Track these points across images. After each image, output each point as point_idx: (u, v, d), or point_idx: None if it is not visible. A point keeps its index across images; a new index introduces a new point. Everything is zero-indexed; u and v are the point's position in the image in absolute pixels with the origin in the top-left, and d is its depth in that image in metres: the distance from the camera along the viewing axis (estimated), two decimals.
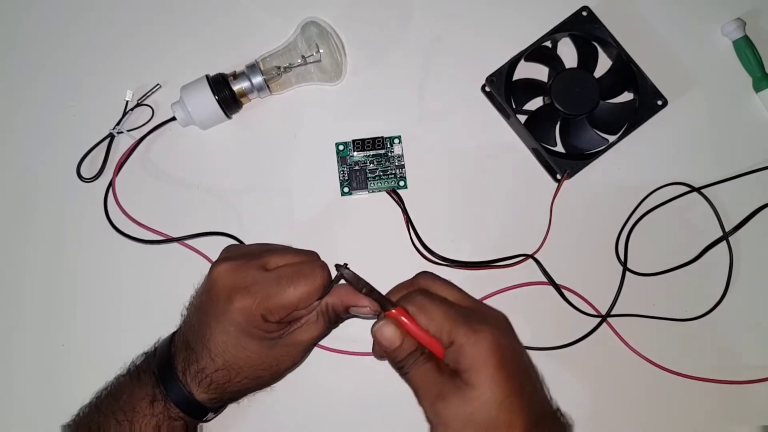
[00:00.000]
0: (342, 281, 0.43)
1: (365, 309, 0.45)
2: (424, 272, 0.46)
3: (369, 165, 0.55)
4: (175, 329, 0.48)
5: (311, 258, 0.47)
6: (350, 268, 0.43)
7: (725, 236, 0.54)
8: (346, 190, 0.55)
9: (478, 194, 0.56)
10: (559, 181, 0.54)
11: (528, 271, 0.54)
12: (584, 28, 0.55)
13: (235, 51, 0.56)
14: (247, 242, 0.54)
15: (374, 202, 0.56)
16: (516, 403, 0.39)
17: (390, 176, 0.55)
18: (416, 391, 0.41)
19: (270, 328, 0.44)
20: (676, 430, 0.53)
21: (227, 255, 0.47)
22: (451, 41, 0.58)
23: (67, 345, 0.54)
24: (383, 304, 0.42)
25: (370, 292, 0.42)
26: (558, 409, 0.43)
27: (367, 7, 0.58)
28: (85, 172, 0.56)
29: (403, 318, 0.41)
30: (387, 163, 0.55)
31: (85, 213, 0.56)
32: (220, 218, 0.55)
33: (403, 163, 0.55)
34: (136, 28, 0.58)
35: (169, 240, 0.54)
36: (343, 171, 0.55)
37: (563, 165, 0.53)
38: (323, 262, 0.46)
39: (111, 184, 0.54)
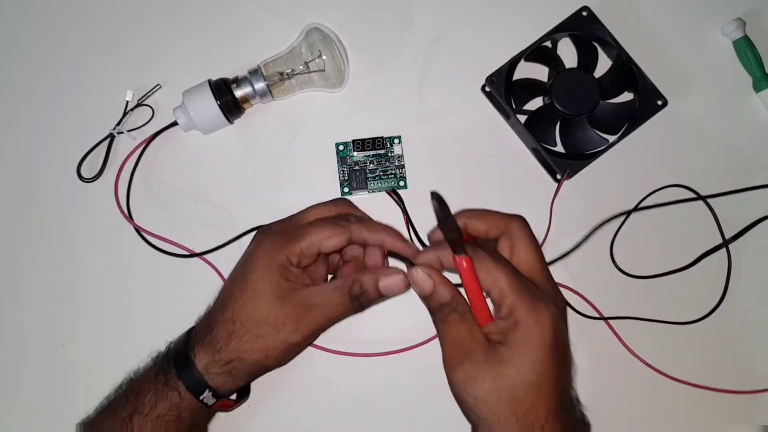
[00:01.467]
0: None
1: (396, 278, 0.43)
2: (520, 218, 0.43)
3: (369, 165, 0.55)
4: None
5: (344, 212, 0.48)
6: (441, 197, 0.39)
7: (725, 243, 0.54)
8: (346, 190, 0.55)
9: (478, 194, 0.56)
10: (559, 181, 0.54)
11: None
12: (584, 28, 0.55)
13: (236, 53, 0.56)
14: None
15: (374, 202, 0.56)
16: (546, 391, 0.38)
17: (390, 176, 0.55)
18: (443, 344, 0.41)
19: (290, 273, 0.45)
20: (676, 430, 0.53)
21: None
22: (451, 41, 0.58)
23: (67, 345, 0.54)
24: (455, 246, 0.40)
25: (450, 230, 0.39)
26: (576, 398, 0.42)
27: (368, 8, 0.58)
28: (85, 172, 0.56)
29: (464, 270, 0.39)
30: (387, 163, 0.55)
31: (85, 213, 0.56)
32: (221, 221, 0.55)
33: (403, 163, 0.55)
34: (136, 28, 0.58)
35: (192, 255, 0.54)
36: (343, 171, 0.55)
37: (563, 165, 0.53)
38: (358, 223, 0.46)
39: (115, 193, 0.55)
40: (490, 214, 0.44)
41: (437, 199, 0.39)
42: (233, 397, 0.49)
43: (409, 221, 0.54)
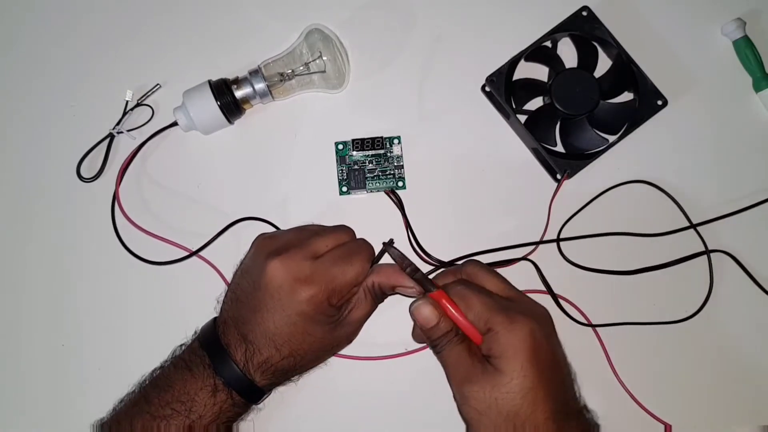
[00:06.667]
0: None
1: (411, 290, 0.47)
2: (472, 260, 0.49)
3: (368, 165, 0.55)
4: (215, 323, 0.48)
5: (352, 235, 0.50)
6: (395, 246, 0.46)
7: (707, 251, 0.54)
8: (344, 189, 0.55)
9: (477, 195, 0.56)
10: (559, 181, 0.54)
11: (526, 271, 0.53)
12: (584, 28, 0.55)
13: (237, 53, 0.56)
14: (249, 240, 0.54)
15: (373, 202, 0.56)
16: (541, 396, 0.40)
17: (389, 176, 0.55)
18: (447, 369, 0.44)
19: (333, 311, 0.46)
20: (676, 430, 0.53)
21: (271, 248, 0.47)
22: (451, 41, 0.58)
23: (67, 345, 0.54)
24: (425, 286, 0.45)
25: (414, 272, 0.45)
26: (585, 407, 0.44)
27: (368, 10, 0.58)
28: (85, 172, 0.56)
29: (443, 300, 0.44)
30: (386, 163, 0.55)
31: (85, 213, 0.56)
32: (220, 221, 0.55)
33: (402, 163, 0.55)
34: (136, 28, 0.58)
35: (189, 256, 0.54)
36: (341, 170, 0.55)
37: (563, 165, 0.53)
38: (363, 239, 0.49)
39: (115, 197, 0.55)
40: (443, 274, 0.49)
41: (394, 253, 0.45)
42: None
43: (407, 223, 0.54)
